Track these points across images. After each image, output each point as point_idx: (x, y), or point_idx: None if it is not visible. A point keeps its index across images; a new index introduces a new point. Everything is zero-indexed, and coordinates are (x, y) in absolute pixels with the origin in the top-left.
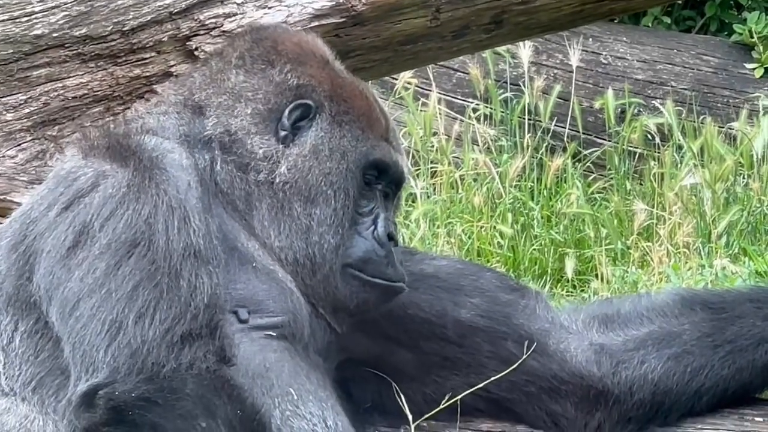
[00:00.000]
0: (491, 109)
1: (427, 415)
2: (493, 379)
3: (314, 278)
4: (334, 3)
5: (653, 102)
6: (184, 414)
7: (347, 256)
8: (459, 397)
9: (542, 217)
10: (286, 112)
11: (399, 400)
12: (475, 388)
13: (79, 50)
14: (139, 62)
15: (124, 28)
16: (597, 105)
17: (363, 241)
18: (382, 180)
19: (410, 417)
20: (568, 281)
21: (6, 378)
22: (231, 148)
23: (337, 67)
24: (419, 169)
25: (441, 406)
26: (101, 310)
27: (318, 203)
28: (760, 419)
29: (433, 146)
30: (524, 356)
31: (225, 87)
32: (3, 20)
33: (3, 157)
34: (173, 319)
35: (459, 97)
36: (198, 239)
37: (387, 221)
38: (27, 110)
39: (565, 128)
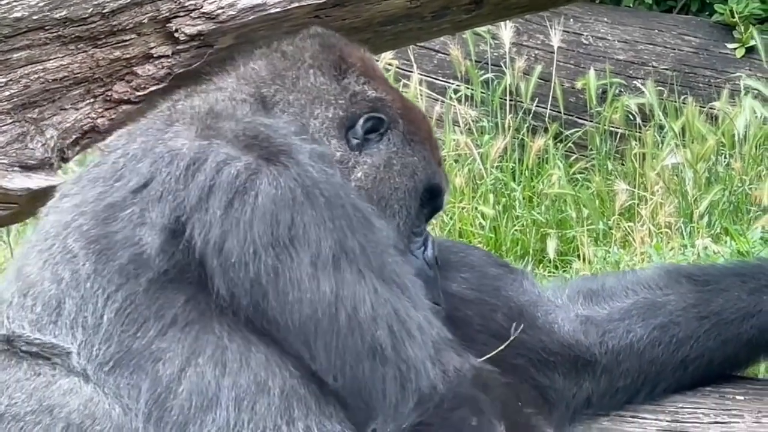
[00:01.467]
0: (472, 90)
1: None
2: (486, 357)
3: None
4: None
5: (634, 82)
6: (457, 422)
7: None
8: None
9: (524, 198)
10: (361, 121)
11: None
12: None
13: (60, 32)
14: (119, 44)
15: (104, 10)
16: (578, 85)
17: (415, 260)
18: (430, 204)
19: None
20: (550, 262)
21: (81, 356)
22: (311, 147)
23: (399, 90)
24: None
25: None
26: (352, 335)
27: (385, 215)
28: (741, 398)
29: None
30: (516, 332)
31: (300, 86)
32: None
33: None
34: (425, 331)
35: (440, 78)
36: (388, 235)
37: (435, 245)
38: (7, 93)
39: (546, 109)
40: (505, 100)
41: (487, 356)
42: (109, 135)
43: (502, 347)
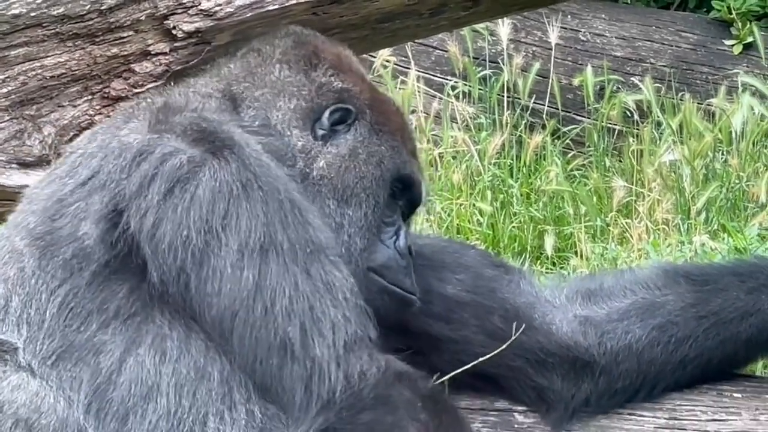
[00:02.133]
0: (470, 86)
1: None
2: (483, 358)
3: None
4: None
5: (632, 79)
6: (369, 423)
7: (371, 260)
8: (447, 377)
9: (521, 195)
10: (327, 113)
11: None
12: (468, 366)
13: (57, 29)
14: (117, 41)
15: (102, 7)
16: (576, 82)
17: (385, 249)
18: (404, 196)
19: None
20: (547, 258)
21: (26, 352)
22: (269, 141)
23: (373, 82)
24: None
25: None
26: (266, 329)
27: (351, 204)
28: (739, 395)
29: (411, 124)
30: (515, 335)
31: (266, 81)
32: None
33: None
34: (338, 330)
35: (438, 74)
36: (317, 233)
37: (407, 235)
38: (5, 90)
39: (544, 105)
40: (503, 96)
41: (486, 357)
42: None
43: (501, 348)
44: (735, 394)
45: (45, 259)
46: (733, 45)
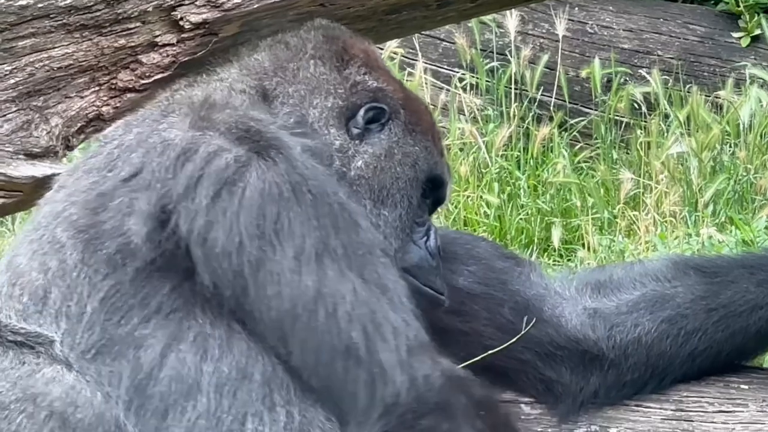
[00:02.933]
0: (477, 78)
1: None
2: (494, 351)
3: None
4: None
5: (640, 71)
6: (426, 430)
7: (404, 261)
8: (459, 366)
9: (529, 187)
10: (362, 111)
11: None
12: (478, 358)
13: (64, 20)
14: (124, 32)
15: None
16: (583, 74)
17: (417, 250)
18: (433, 195)
19: None
20: (554, 250)
21: (64, 345)
22: (305, 140)
23: (401, 81)
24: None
25: None
26: (329, 333)
27: (386, 205)
28: (746, 387)
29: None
30: (526, 328)
31: (300, 77)
32: None
33: None
34: (399, 335)
35: (445, 66)
36: (367, 234)
37: (437, 235)
38: (12, 81)
39: (551, 98)
40: (510, 88)
41: (497, 350)
42: (114, 123)
43: (512, 341)
44: (742, 386)
45: (88, 253)
46: (740, 37)
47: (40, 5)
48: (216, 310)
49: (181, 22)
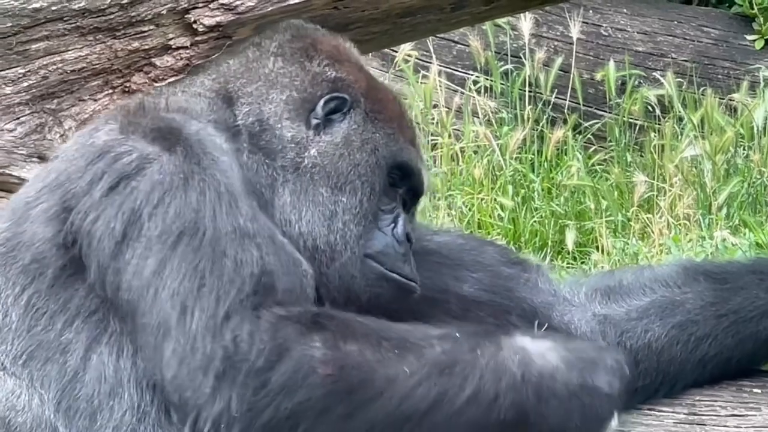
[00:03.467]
0: (492, 81)
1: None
2: None
3: (332, 266)
4: None
5: (654, 74)
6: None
7: (368, 247)
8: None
9: (543, 189)
10: (321, 102)
11: None
12: None
13: (78, 23)
14: (138, 35)
15: (123, 1)
16: (598, 77)
17: (383, 236)
18: (404, 184)
19: None
20: (568, 253)
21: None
22: (260, 136)
23: (371, 72)
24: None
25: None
26: (151, 313)
27: (345, 191)
28: (758, 390)
29: (433, 119)
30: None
31: (260, 74)
32: None
33: (2, 130)
34: (215, 304)
35: (459, 69)
36: (246, 223)
37: (406, 222)
38: (26, 84)
39: (565, 100)
40: (525, 91)
41: None
42: None
43: None
44: (755, 390)
45: (7, 266)
46: (755, 40)
47: (53, 8)
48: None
49: (194, 25)
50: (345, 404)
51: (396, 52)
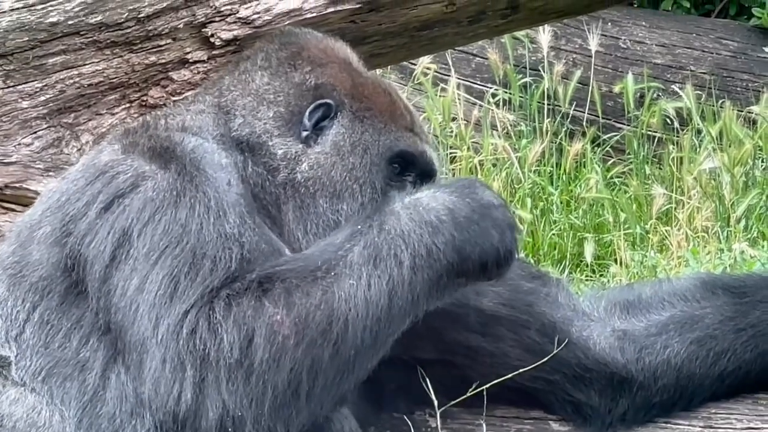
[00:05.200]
0: (510, 94)
1: (452, 402)
2: (521, 371)
3: None
4: None
5: (672, 86)
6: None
7: None
8: (485, 387)
9: (561, 202)
10: (307, 112)
11: (425, 385)
12: (502, 379)
13: (95, 37)
14: (155, 49)
15: (140, 15)
16: (616, 89)
17: None
18: (411, 170)
19: (436, 403)
20: (587, 266)
21: (18, 368)
22: (259, 153)
23: (359, 69)
24: (438, 154)
25: (467, 394)
26: (133, 330)
27: (344, 198)
28: None
29: (452, 132)
30: (556, 350)
31: (250, 88)
32: (18, 8)
33: (19, 144)
34: (181, 304)
35: (478, 82)
36: (233, 229)
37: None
38: (43, 98)
39: (584, 113)
40: (543, 104)
41: (525, 370)
42: None
43: (540, 363)
44: None
45: (16, 286)
46: None
47: (70, 22)
48: None
49: (211, 39)
50: (327, 347)
51: (415, 65)
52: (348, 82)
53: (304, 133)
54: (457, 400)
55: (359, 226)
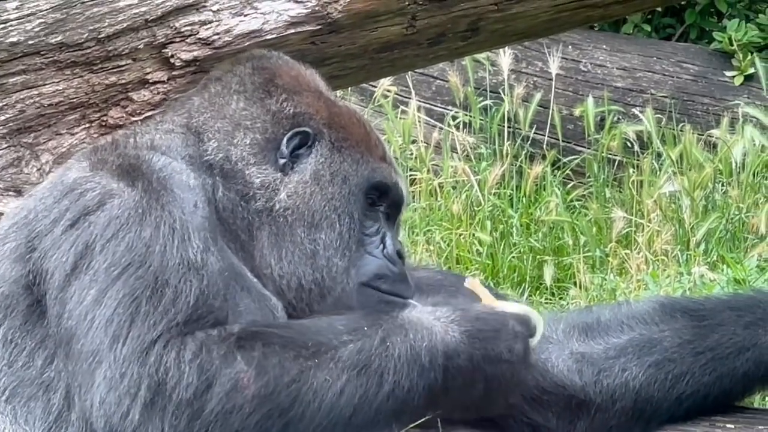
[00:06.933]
0: (471, 116)
1: (410, 426)
2: None
3: (324, 302)
4: (309, 11)
5: (633, 110)
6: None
7: (362, 275)
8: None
9: (521, 225)
10: (284, 140)
11: None
12: None
13: (55, 57)
14: (115, 69)
15: (100, 36)
16: (576, 113)
17: (374, 260)
18: (383, 201)
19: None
20: (546, 289)
21: None
22: (232, 178)
23: (332, 98)
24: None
25: (424, 417)
26: (86, 339)
27: (322, 228)
28: (731, 426)
29: (412, 154)
30: None
31: (224, 112)
32: None
33: None
34: (147, 330)
35: (438, 104)
36: (196, 255)
37: (394, 240)
38: (2, 117)
39: (544, 136)
40: (503, 126)
41: None
42: None
43: None
44: (728, 425)
45: None
46: (734, 76)
47: (30, 42)
48: None
49: (171, 60)
50: (279, 424)
51: (375, 87)
52: (324, 111)
53: (281, 161)
54: (413, 423)
55: (367, 324)
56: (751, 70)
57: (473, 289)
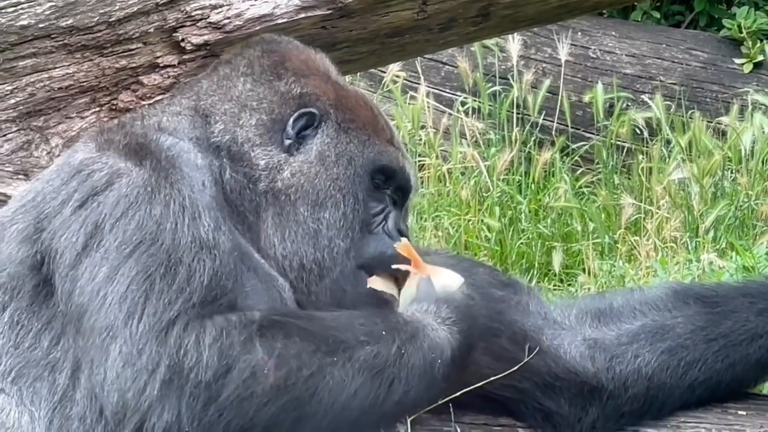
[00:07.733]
0: (480, 102)
1: (422, 410)
2: (491, 379)
3: (321, 283)
4: None
5: (642, 96)
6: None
7: (359, 257)
8: (455, 395)
9: (530, 211)
10: (291, 120)
11: None
12: (472, 387)
13: (65, 41)
14: (125, 53)
15: (111, 19)
16: (586, 99)
17: (375, 240)
18: (390, 185)
19: None
20: (555, 275)
21: None
22: (239, 158)
23: (341, 81)
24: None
25: (436, 402)
26: (99, 315)
27: (327, 207)
28: (743, 412)
29: (421, 139)
30: (527, 359)
31: (231, 94)
32: None
33: None
34: (163, 309)
35: (447, 90)
36: (207, 233)
37: (397, 217)
38: (12, 101)
39: (553, 122)
40: (512, 113)
41: (495, 378)
42: None
43: (510, 371)
44: (740, 412)
45: None
46: (743, 63)
47: (41, 25)
48: None
49: (182, 44)
50: (292, 416)
51: (384, 72)
52: (332, 93)
53: (287, 142)
54: (426, 408)
55: (386, 327)
56: (761, 58)
57: (405, 254)
